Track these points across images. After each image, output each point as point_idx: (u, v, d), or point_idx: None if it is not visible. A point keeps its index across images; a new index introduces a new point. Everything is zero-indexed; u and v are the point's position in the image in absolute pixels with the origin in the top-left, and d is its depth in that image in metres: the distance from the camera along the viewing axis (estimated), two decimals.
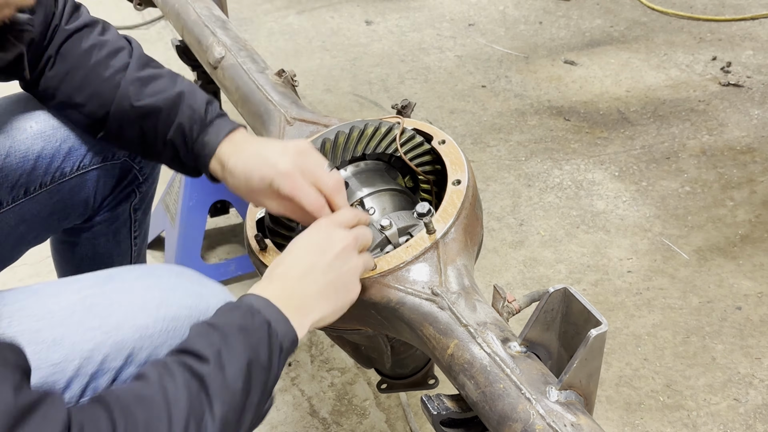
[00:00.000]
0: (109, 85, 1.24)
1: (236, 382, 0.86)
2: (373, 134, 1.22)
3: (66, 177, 1.35)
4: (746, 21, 3.64)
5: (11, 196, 1.30)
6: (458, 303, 1.01)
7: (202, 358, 0.86)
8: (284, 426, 1.80)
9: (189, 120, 1.20)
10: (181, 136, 1.20)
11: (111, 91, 1.24)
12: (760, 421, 1.76)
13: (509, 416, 0.88)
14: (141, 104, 1.22)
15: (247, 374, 0.87)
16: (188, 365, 0.85)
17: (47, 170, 1.32)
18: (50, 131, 1.31)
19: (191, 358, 0.86)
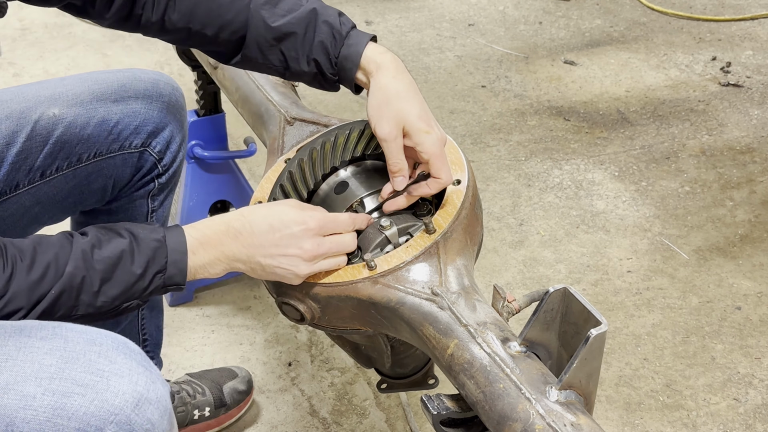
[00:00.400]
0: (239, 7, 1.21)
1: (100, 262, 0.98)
2: (372, 134, 1.22)
3: (83, 163, 1.38)
4: (746, 21, 3.64)
5: (27, 178, 1.34)
6: (458, 303, 1.01)
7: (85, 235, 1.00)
8: (284, 426, 1.80)
9: (329, 36, 1.18)
10: (324, 53, 1.19)
11: (242, 15, 1.21)
12: (759, 420, 1.76)
13: (509, 416, 0.88)
14: (277, 25, 1.19)
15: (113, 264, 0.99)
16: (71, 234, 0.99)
17: (65, 155, 1.36)
18: (70, 117, 1.35)
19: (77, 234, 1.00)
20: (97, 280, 0.98)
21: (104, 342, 0.94)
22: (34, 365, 0.90)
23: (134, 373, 0.93)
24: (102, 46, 3.70)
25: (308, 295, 1.08)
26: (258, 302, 2.17)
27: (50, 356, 0.91)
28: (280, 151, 1.31)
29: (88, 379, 0.90)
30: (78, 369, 0.90)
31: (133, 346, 0.97)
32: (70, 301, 0.98)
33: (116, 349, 0.94)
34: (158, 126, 1.42)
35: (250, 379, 1.83)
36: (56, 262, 0.96)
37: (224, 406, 1.76)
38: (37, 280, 0.95)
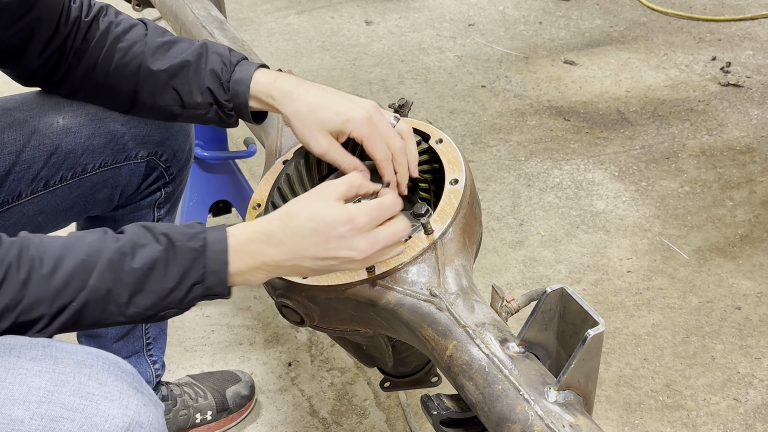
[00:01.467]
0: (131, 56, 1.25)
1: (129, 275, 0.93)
2: None
3: (88, 173, 1.36)
4: (746, 21, 3.64)
5: (30, 188, 1.32)
6: (457, 304, 1.01)
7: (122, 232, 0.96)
8: (284, 426, 1.80)
9: (219, 64, 1.22)
10: (216, 79, 1.21)
11: (134, 63, 1.25)
12: (759, 421, 1.76)
13: (508, 417, 0.88)
14: (169, 65, 1.23)
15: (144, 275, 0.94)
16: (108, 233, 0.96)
17: (69, 165, 1.34)
18: (76, 127, 1.33)
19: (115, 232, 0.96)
20: (125, 293, 0.94)
21: (95, 363, 0.92)
22: (23, 388, 0.87)
23: (125, 396, 0.90)
24: None
25: (307, 298, 1.08)
26: (258, 302, 2.17)
27: (39, 378, 0.88)
28: (278, 152, 1.31)
29: (77, 403, 0.87)
30: (67, 392, 0.88)
31: (125, 367, 0.95)
32: (96, 312, 0.94)
33: (107, 370, 0.92)
34: (165, 135, 1.41)
35: (252, 383, 1.83)
36: (81, 272, 0.92)
37: (226, 410, 1.76)
38: (58, 290, 0.92)
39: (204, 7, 1.77)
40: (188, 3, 1.78)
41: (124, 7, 3.90)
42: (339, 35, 3.75)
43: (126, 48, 1.26)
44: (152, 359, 1.66)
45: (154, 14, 3.81)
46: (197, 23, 1.71)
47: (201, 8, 1.76)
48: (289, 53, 3.61)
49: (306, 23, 3.90)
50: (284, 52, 3.62)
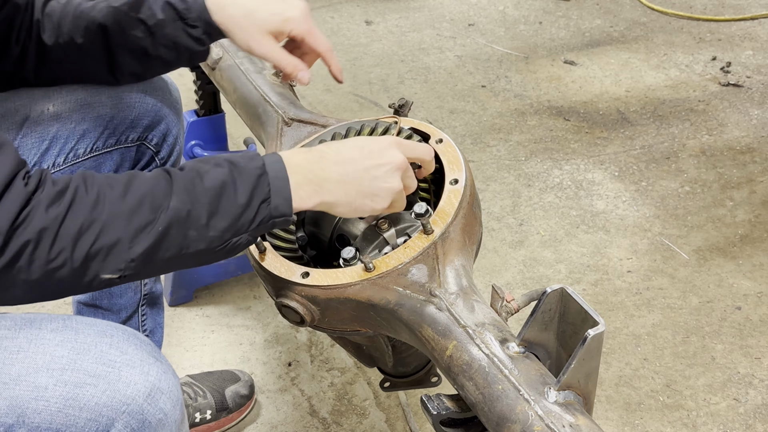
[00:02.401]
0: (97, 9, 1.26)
1: (204, 194, 0.92)
2: (370, 134, 1.22)
3: (79, 159, 1.37)
4: (746, 21, 3.64)
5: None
6: (456, 304, 1.01)
7: (182, 168, 0.95)
8: (284, 426, 1.80)
9: None
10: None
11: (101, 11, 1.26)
12: (760, 421, 1.76)
13: (508, 417, 0.88)
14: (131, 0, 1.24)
15: (217, 194, 0.93)
16: (167, 170, 0.94)
17: (60, 151, 1.35)
18: (66, 113, 1.34)
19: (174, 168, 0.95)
20: (204, 213, 0.93)
21: (115, 333, 0.94)
22: (45, 357, 0.90)
23: (145, 364, 0.93)
24: None
25: (307, 298, 1.08)
26: (258, 302, 2.17)
27: (62, 348, 0.90)
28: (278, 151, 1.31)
29: (99, 370, 0.90)
30: (89, 360, 0.90)
31: (143, 338, 0.97)
32: (178, 238, 0.92)
33: (127, 340, 0.94)
34: (154, 119, 1.42)
35: (252, 383, 1.83)
36: (152, 194, 0.91)
37: (226, 409, 1.77)
38: (133, 209, 0.90)
39: None
40: None
41: None
42: (339, 35, 3.75)
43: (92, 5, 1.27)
44: None
45: None
46: None
47: None
48: None
49: None
50: None
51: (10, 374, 0.89)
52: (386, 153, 1.04)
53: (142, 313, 1.63)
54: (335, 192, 1.02)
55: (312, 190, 1.00)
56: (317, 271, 1.08)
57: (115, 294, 1.58)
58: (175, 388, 0.95)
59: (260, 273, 1.12)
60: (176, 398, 0.95)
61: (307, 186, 1.00)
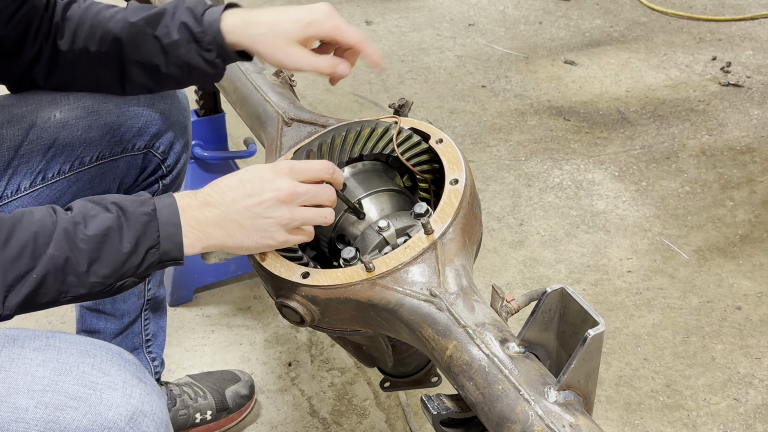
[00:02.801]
0: (115, 21, 1.26)
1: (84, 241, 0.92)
2: (369, 135, 1.22)
3: (85, 166, 1.37)
4: (746, 21, 3.64)
5: (29, 182, 1.32)
6: (457, 304, 1.01)
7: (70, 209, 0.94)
8: (284, 426, 1.80)
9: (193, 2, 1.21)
10: (190, 13, 1.20)
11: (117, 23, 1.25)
12: (760, 421, 1.76)
13: (508, 417, 0.88)
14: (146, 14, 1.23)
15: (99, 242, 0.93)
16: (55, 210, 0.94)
17: (67, 159, 1.34)
18: (73, 120, 1.33)
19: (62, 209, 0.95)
20: (84, 261, 0.93)
21: (98, 353, 0.93)
22: (26, 377, 0.88)
23: (128, 386, 0.91)
24: None
25: (307, 298, 1.08)
26: (258, 302, 2.17)
27: (43, 368, 0.89)
28: (278, 152, 1.31)
29: (81, 392, 0.88)
30: (71, 381, 0.89)
31: (128, 357, 0.96)
32: (56, 284, 0.92)
33: (110, 360, 0.93)
34: (161, 127, 1.41)
35: (252, 383, 1.83)
36: (35, 242, 0.90)
37: (226, 409, 1.76)
38: (13, 259, 0.89)
39: None
40: None
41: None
42: None
43: (110, 16, 1.27)
44: (151, 356, 1.66)
45: None
46: None
47: None
48: None
49: None
50: None
51: None
52: (267, 186, 1.01)
53: (145, 317, 1.63)
54: (218, 236, 1.01)
55: (195, 237, 0.99)
56: (317, 271, 1.08)
57: (118, 299, 1.58)
58: (160, 411, 0.93)
59: (260, 273, 1.12)
60: (160, 421, 0.93)
61: (191, 232, 0.99)
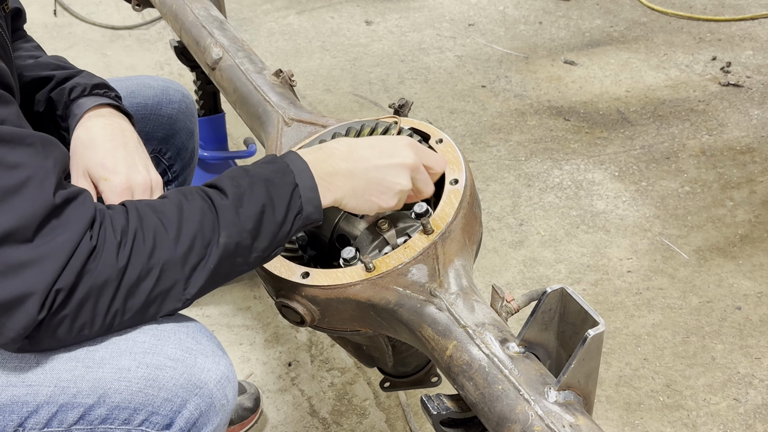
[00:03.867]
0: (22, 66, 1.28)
1: (247, 222, 0.96)
2: (369, 135, 1.22)
3: None
4: (746, 21, 3.64)
5: None
6: (456, 304, 1.01)
7: (224, 194, 0.97)
8: (284, 426, 1.80)
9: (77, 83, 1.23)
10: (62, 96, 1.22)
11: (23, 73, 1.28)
12: (760, 421, 1.76)
13: (508, 417, 0.88)
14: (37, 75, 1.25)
15: (258, 219, 0.96)
16: (209, 195, 0.96)
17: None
18: None
19: (214, 191, 0.97)
20: (250, 240, 0.97)
21: (190, 324, 1.01)
22: (128, 342, 0.95)
23: (216, 355, 0.99)
24: (102, 46, 3.70)
25: (307, 298, 1.08)
26: (258, 302, 2.17)
27: (144, 334, 0.96)
28: (278, 152, 1.31)
29: (178, 355, 0.96)
30: (170, 345, 0.96)
31: (211, 333, 1.04)
32: (228, 268, 0.97)
33: (200, 332, 1.01)
34: (168, 133, 1.42)
35: (258, 396, 1.82)
36: (202, 232, 0.94)
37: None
38: (186, 252, 0.93)
39: (204, 7, 1.77)
40: (188, 3, 1.78)
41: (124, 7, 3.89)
42: (339, 35, 3.75)
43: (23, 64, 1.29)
44: None
45: (154, 14, 3.82)
46: (197, 23, 1.71)
47: (201, 8, 1.76)
48: (289, 53, 3.61)
49: (306, 23, 3.90)
50: (284, 52, 3.62)
51: (94, 358, 0.94)
52: (398, 151, 1.06)
53: None
54: (344, 187, 1.04)
55: (324, 189, 1.02)
56: (317, 271, 1.08)
57: None
58: (236, 381, 1.02)
59: (260, 273, 1.12)
60: (236, 389, 1.02)
61: (320, 185, 1.02)
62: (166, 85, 1.47)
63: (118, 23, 3.88)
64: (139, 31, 3.86)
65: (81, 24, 3.90)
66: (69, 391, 0.93)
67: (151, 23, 3.89)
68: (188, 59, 1.96)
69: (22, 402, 0.92)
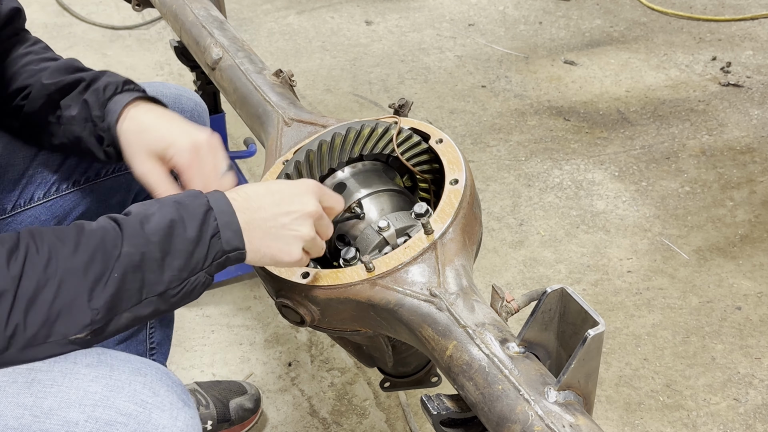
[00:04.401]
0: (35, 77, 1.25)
1: (153, 234, 0.91)
2: (369, 135, 1.22)
3: (101, 178, 1.37)
4: (746, 21, 3.64)
5: (43, 192, 1.32)
6: (457, 304, 1.01)
7: (128, 213, 0.94)
8: (284, 426, 1.80)
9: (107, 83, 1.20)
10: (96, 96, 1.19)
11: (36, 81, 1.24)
12: (759, 421, 1.76)
13: (508, 417, 0.88)
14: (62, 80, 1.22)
15: (166, 233, 0.92)
16: (112, 217, 0.93)
17: (83, 170, 1.35)
18: None
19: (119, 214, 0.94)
20: (158, 253, 0.92)
21: (149, 372, 0.94)
22: (79, 392, 0.89)
23: (175, 408, 0.93)
24: (102, 46, 3.70)
25: (307, 298, 1.08)
26: (258, 302, 2.17)
27: (96, 384, 0.90)
28: (278, 152, 1.31)
29: (131, 409, 0.90)
30: (122, 398, 0.90)
31: (175, 379, 0.97)
32: (137, 283, 0.91)
33: (159, 380, 0.94)
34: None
35: (258, 397, 1.82)
36: (103, 244, 0.90)
37: (228, 421, 1.74)
38: (87, 263, 0.88)
39: (204, 7, 1.77)
40: (188, 3, 1.78)
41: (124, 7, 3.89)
42: (339, 35, 3.75)
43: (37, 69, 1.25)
44: None
45: (154, 14, 3.82)
46: (197, 23, 1.71)
47: (201, 8, 1.76)
48: (289, 53, 3.61)
49: (306, 23, 3.90)
50: (284, 52, 3.62)
51: (42, 408, 0.88)
52: (297, 200, 1.01)
53: (151, 326, 1.62)
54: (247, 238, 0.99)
55: None
56: (317, 271, 1.08)
57: None
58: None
59: (260, 273, 1.12)
60: None
61: None
62: (179, 93, 1.47)
63: (118, 23, 3.88)
64: (139, 31, 3.86)
65: (81, 24, 3.90)
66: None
67: (151, 23, 3.89)
68: (188, 59, 1.96)
69: None
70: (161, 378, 0.95)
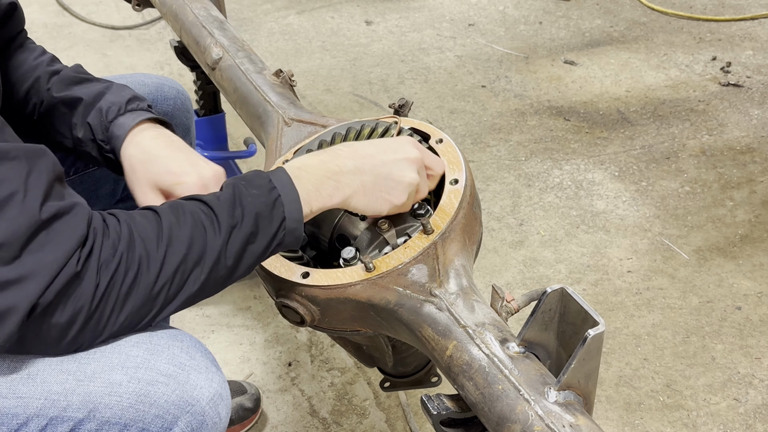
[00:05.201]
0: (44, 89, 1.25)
1: (230, 258, 0.96)
2: (369, 135, 1.22)
3: (89, 168, 1.38)
4: (746, 21, 3.64)
5: None
6: (457, 304, 1.01)
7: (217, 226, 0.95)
8: (284, 426, 1.80)
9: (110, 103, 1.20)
10: (99, 117, 1.19)
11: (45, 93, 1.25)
12: (760, 421, 1.76)
13: (508, 417, 0.88)
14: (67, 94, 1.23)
15: (239, 254, 0.96)
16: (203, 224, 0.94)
17: (71, 161, 1.35)
18: None
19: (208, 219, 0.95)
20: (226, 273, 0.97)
21: (185, 339, 0.99)
22: (121, 356, 0.94)
23: (210, 372, 0.98)
24: (102, 46, 3.70)
25: (307, 298, 1.08)
26: (258, 302, 2.17)
27: (137, 348, 0.94)
28: (278, 152, 1.31)
29: (171, 370, 0.94)
30: (163, 360, 0.95)
31: (206, 348, 1.02)
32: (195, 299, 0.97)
33: (194, 346, 0.99)
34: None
35: (258, 397, 1.81)
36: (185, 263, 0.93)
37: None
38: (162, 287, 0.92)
39: (204, 7, 1.77)
40: (188, 3, 1.78)
41: (124, 6, 3.89)
42: (339, 35, 3.75)
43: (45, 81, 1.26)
44: None
45: (154, 14, 3.82)
46: (197, 23, 1.71)
47: (201, 8, 1.76)
48: (289, 53, 3.61)
49: (306, 23, 3.90)
50: (284, 52, 3.62)
51: (86, 372, 0.92)
52: (402, 148, 1.07)
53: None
54: (351, 184, 1.03)
55: (332, 188, 1.01)
56: (317, 271, 1.08)
57: None
58: (229, 399, 1.00)
59: (260, 273, 1.12)
60: (229, 407, 1.01)
61: (327, 183, 1.01)
62: (161, 82, 1.47)
63: (118, 23, 3.88)
64: (139, 31, 3.86)
65: (81, 24, 3.90)
66: (59, 405, 0.92)
67: (151, 23, 3.89)
68: (188, 59, 1.96)
69: (12, 414, 0.91)
70: (195, 344, 1.00)
